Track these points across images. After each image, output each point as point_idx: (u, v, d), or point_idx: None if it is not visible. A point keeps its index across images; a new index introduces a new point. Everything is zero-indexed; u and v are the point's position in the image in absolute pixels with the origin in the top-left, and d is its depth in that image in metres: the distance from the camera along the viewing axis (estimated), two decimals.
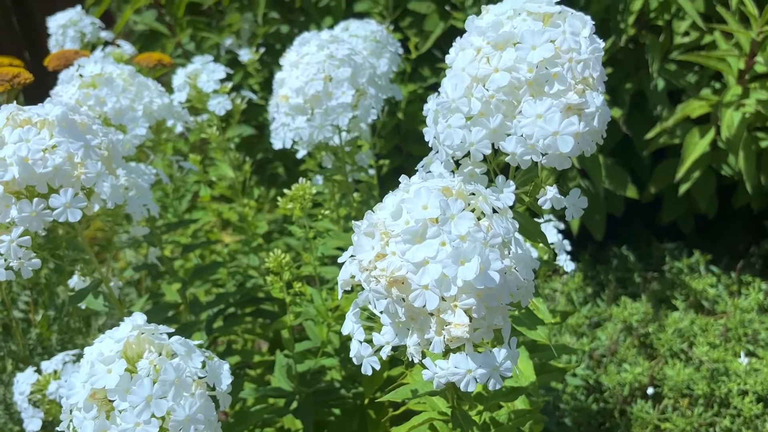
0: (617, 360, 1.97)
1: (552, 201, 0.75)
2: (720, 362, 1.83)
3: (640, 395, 1.87)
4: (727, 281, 2.18)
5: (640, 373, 1.87)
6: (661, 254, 2.37)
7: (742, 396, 1.76)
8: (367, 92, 1.04)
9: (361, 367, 0.73)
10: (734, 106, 1.83)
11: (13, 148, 0.79)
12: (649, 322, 2.04)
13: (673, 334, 1.96)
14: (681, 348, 1.94)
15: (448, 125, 0.74)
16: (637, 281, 2.26)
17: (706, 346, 1.86)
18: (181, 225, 1.21)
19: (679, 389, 1.84)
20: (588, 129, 0.71)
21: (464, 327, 0.62)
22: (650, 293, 2.15)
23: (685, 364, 1.88)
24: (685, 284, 2.14)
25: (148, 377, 0.69)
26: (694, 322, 2.00)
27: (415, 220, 0.63)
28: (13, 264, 0.81)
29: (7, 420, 1.36)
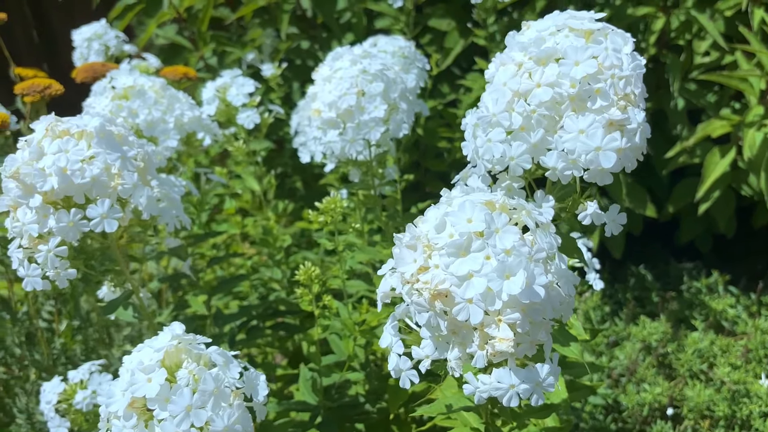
0: (636, 380, 1.95)
1: (592, 216, 0.75)
2: (741, 384, 1.82)
3: (659, 416, 1.86)
4: (746, 302, 2.16)
5: (659, 393, 1.86)
6: (679, 274, 2.35)
7: (763, 418, 1.74)
8: (399, 107, 1.04)
9: (399, 380, 0.73)
10: (756, 126, 1.82)
11: (52, 159, 0.79)
12: (668, 342, 2.03)
13: (692, 355, 1.94)
14: (701, 369, 1.93)
15: (488, 139, 0.75)
16: (655, 300, 2.24)
17: (728, 367, 1.84)
18: (207, 237, 1.21)
19: (699, 410, 1.82)
20: (630, 145, 0.71)
21: (509, 342, 0.62)
22: (669, 313, 2.14)
23: (705, 385, 1.87)
24: (704, 304, 2.13)
25: (188, 387, 0.69)
26: (714, 342, 1.98)
27: (460, 234, 0.63)
28: (50, 274, 0.82)
29: (29, 429, 1.36)
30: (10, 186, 0.81)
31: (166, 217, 0.91)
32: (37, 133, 0.82)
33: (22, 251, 0.83)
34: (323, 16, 2.04)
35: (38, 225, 0.80)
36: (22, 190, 0.80)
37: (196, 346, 0.75)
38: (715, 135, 1.95)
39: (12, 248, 0.83)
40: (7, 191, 0.81)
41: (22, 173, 0.79)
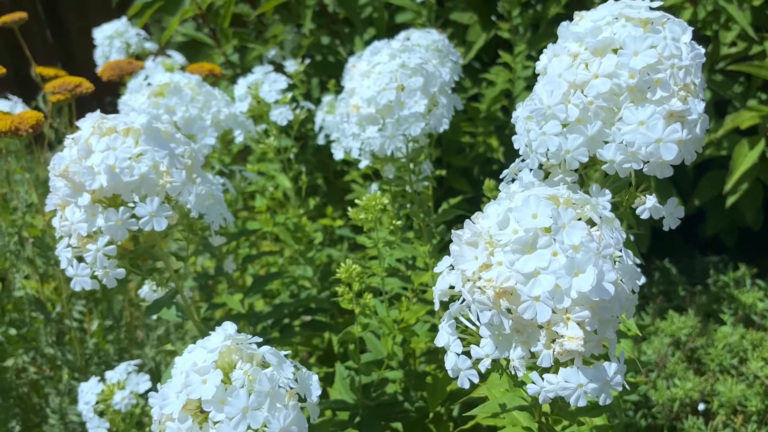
0: (666, 375, 1.93)
1: (651, 210, 0.73)
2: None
3: (690, 411, 1.84)
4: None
5: (690, 388, 1.84)
6: (704, 267, 2.33)
7: None
8: (439, 101, 1.03)
9: (458, 380, 0.71)
10: None
11: (101, 157, 0.78)
12: (697, 337, 2.00)
13: (722, 350, 1.92)
14: (732, 363, 1.90)
15: (543, 132, 0.73)
16: (682, 295, 2.22)
17: (761, 361, 1.82)
18: (242, 234, 1.20)
19: (731, 405, 1.79)
20: (691, 136, 0.69)
21: (579, 340, 0.61)
22: (697, 307, 2.12)
23: (737, 380, 1.84)
24: (732, 298, 2.10)
25: (244, 388, 0.68)
26: (744, 337, 1.96)
27: (525, 230, 0.62)
28: (99, 273, 0.81)
29: (63, 430, 1.36)
30: (59, 185, 0.80)
31: (211, 216, 0.90)
32: (84, 130, 0.81)
33: (71, 250, 0.82)
34: (345, 11, 2.02)
35: (87, 224, 0.79)
36: (71, 188, 0.79)
37: (249, 345, 0.74)
38: (743, 126, 1.93)
39: (60, 247, 0.83)
40: (55, 190, 0.81)
41: (71, 172, 0.78)
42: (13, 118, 1.08)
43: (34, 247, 1.24)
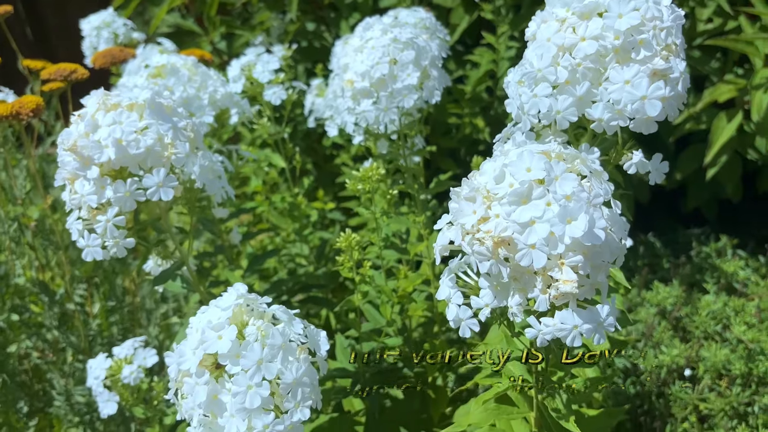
0: (653, 343, 1.99)
1: (638, 165, 0.77)
2: (756, 342, 1.85)
3: (677, 377, 1.89)
4: (755, 264, 2.20)
5: (676, 355, 1.89)
6: (687, 240, 2.39)
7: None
8: (431, 74, 1.06)
9: (459, 330, 0.75)
10: (763, 89, 1.85)
11: (107, 131, 0.81)
12: (682, 306, 2.06)
13: (707, 317, 1.98)
14: (716, 330, 1.96)
15: (534, 94, 0.77)
16: (666, 267, 2.28)
17: (743, 326, 1.88)
18: (240, 213, 1.23)
19: (716, 370, 1.85)
20: (673, 94, 0.74)
21: (573, 283, 0.65)
22: (681, 278, 2.18)
23: (720, 346, 1.90)
24: (715, 268, 2.17)
25: (257, 342, 0.71)
26: (727, 304, 2.02)
27: (520, 182, 0.66)
28: (109, 243, 0.84)
29: (68, 411, 1.39)
30: (67, 159, 0.82)
31: (213, 188, 0.93)
32: (90, 107, 0.84)
33: (82, 222, 0.85)
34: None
35: (96, 196, 0.82)
36: (80, 162, 0.82)
37: (259, 305, 0.77)
38: (721, 100, 1.98)
39: (71, 220, 0.86)
40: (63, 165, 0.83)
41: (79, 146, 0.81)
42: (13, 103, 1.11)
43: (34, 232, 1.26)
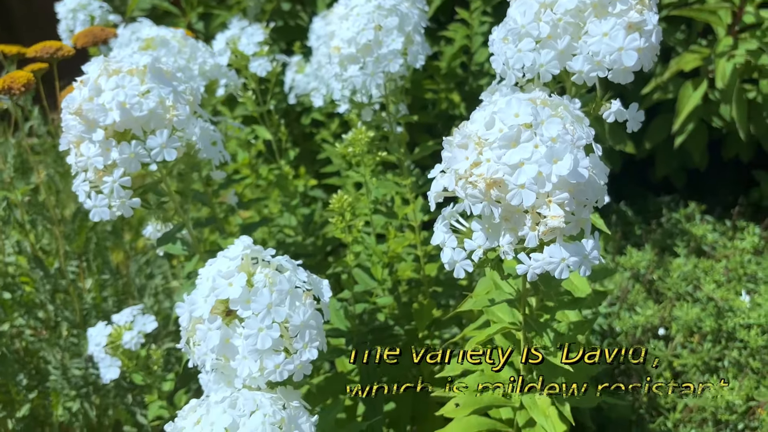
0: (628, 305, 2.07)
1: (615, 114, 0.83)
2: (725, 300, 1.94)
3: (651, 336, 1.97)
4: (722, 228, 2.29)
5: (650, 315, 1.97)
6: (657, 207, 2.47)
7: (747, 329, 1.87)
8: (414, 40, 1.11)
9: (454, 271, 0.80)
10: (726, 57, 1.93)
11: (111, 94, 0.84)
12: (655, 269, 2.14)
13: (678, 278, 2.06)
14: (687, 290, 2.05)
15: (518, 49, 0.82)
16: (638, 233, 2.36)
17: (713, 284, 1.96)
18: (230, 184, 1.27)
19: (688, 327, 1.93)
20: (648, 45, 0.79)
21: (560, 218, 0.70)
22: (653, 242, 2.26)
23: (692, 305, 1.99)
24: (685, 231, 2.25)
25: (266, 288, 0.76)
26: (697, 266, 2.10)
27: (509, 127, 0.70)
28: (116, 204, 0.87)
29: (65, 384, 1.41)
30: (72, 123, 0.85)
31: (211, 153, 0.96)
32: (92, 72, 0.87)
33: (88, 184, 0.88)
34: None
35: (102, 158, 0.85)
36: (85, 125, 0.84)
37: (265, 255, 0.81)
38: (687, 69, 2.05)
39: (77, 182, 0.88)
40: (68, 129, 0.86)
41: (84, 109, 0.84)
42: (4, 79, 1.12)
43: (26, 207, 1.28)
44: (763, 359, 1.81)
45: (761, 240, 2.17)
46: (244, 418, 0.71)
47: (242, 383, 0.77)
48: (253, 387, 0.77)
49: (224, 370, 0.78)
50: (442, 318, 1.34)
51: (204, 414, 0.72)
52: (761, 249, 2.17)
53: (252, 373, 0.75)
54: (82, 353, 1.41)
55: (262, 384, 0.77)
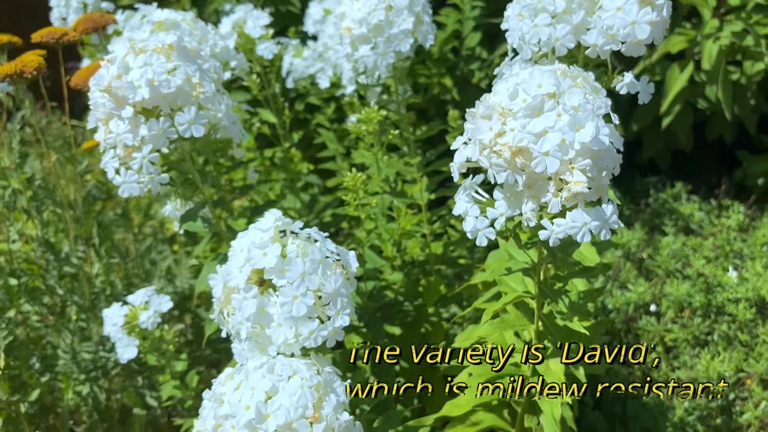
0: (620, 284, 2.12)
1: (628, 86, 0.86)
2: (713, 276, 2.00)
3: (643, 312, 2.03)
4: (708, 207, 2.35)
5: (642, 292, 2.02)
6: (645, 188, 2.53)
7: (735, 303, 1.93)
8: (423, 20, 1.13)
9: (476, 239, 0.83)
10: (712, 38, 1.98)
11: (140, 72, 0.86)
12: (645, 248, 2.20)
13: (667, 256, 2.12)
14: (676, 267, 2.10)
15: (535, 24, 0.85)
16: (627, 213, 2.42)
17: (702, 259, 2.02)
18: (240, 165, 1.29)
19: (678, 303, 1.99)
20: (659, 18, 0.83)
21: (583, 183, 0.73)
22: (642, 222, 2.31)
23: (681, 281, 2.04)
24: (673, 211, 2.31)
25: (299, 257, 0.78)
26: (686, 243, 2.16)
27: (533, 97, 0.74)
28: (144, 179, 0.89)
29: (74, 368, 1.43)
30: (101, 101, 0.87)
31: (233, 131, 0.98)
32: (118, 51, 0.88)
33: (117, 160, 0.89)
34: None
35: (132, 134, 0.87)
36: (114, 102, 0.86)
37: (294, 227, 0.84)
38: (674, 51, 2.10)
39: (107, 159, 0.90)
40: (96, 106, 0.88)
41: (113, 87, 0.85)
42: (16, 62, 1.13)
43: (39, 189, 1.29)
44: (751, 332, 1.87)
45: (746, 218, 2.24)
46: (283, 382, 0.74)
47: (276, 350, 0.79)
48: (287, 354, 0.80)
49: (259, 339, 0.80)
50: (448, 294, 1.37)
51: (243, 380, 0.75)
52: (746, 227, 2.23)
53: (288, 340, 0.77)
54: (91, 337, 1.43)
55: (296, 351, 0.79)
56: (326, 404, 0.74)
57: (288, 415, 0.71)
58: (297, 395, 0.72)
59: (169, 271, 1.71)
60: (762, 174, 2.41)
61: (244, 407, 0.72)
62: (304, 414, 0.72)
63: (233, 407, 0.72)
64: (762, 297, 1.90)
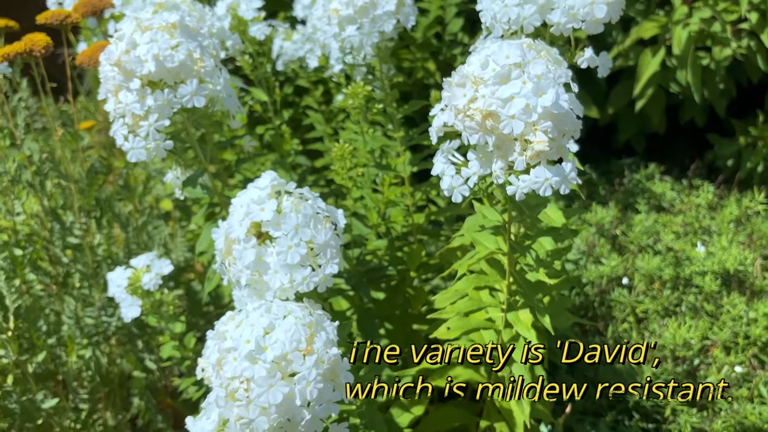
0: (594, 258, 2.23)
1: (588, 60, 0.96)
2: (682, 251, 2.11)
3: (616, 284, 2.14)
4: (679, 187, 2.47)
5: (615, 265, 2.13)
6: (619, 169, 2.65)
7: (702, 276, 2.04)
8: (405, 2, 1.23)
9: (452, 197, 0.92)
10: (682, 25, 2.08)
11: (146, 48, 0.95)
12: (618, 225, 2.31)
13: (639, 232, 2.23)
14: (647, 243, 2.22)
15: (505, 5, 0.95)
16: (603, 193, 2.53)
17: (671, 234, 2.13)
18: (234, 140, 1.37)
19: (649, 276, 2.10)
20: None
21: (545, 143, 0.83)
22: (616, 201, 2.43)
23: (652, 256, 2.16)
24: (646, 190, 2.42)
25: (293, 212, 0.88)
26: (657, 220, 2.28)
27: (501, 66, 0.83)
28: (151, 145, 0.98)
29: (77, 333, 1.51)
30: (111, 74, 0.95)
31: (230, 104, 1.07)
32: (126, 29, 0.97)
33: (126, 128, 0.98)
34: None
35: (139, 104, 0.95)
36: (123, 75, 0.95)
37: (288, 187, 0.93)
38: (646, 36, 2.21)
39: (116, 127, 0.99)
40: (106, 79, 0.96)
41: (122, 61, 0.94)
42: (25, 41, 1.21)
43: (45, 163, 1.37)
44: (716, 303, 1.98)
45: (714, 197, 2.35)
46: (279, 320, 0.83)
47: (273, 296, 0.88)
48: (282, 298, 0.89)
49: (257, 285, 0.89)
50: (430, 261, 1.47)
51: (244, 318, 0.84)
52: (714, 205, 2.35)
53: (283, 285, 0.87)
54: (94, 303, 1.51)
55: (290, 295, 0.89)
56: (317, 339, 0.83)
57: (284, 347, 0.81)
58: (291, 331, 0.82)
59: (165, 245, 1.80)
60: (731, 156, 2.53)
61: (245, 341, 0.81)
62: (298, 347, 0.81)
63: (235, 341, 0.82)
64: (727, 270, 2.01)
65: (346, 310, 1.42)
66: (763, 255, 2.11)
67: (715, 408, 1.71)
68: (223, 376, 0.82)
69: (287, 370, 0.81)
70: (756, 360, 1.83)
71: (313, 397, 0.81)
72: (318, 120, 2.04)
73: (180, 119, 1.04)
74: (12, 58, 1.20)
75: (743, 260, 2.00)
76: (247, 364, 0.80)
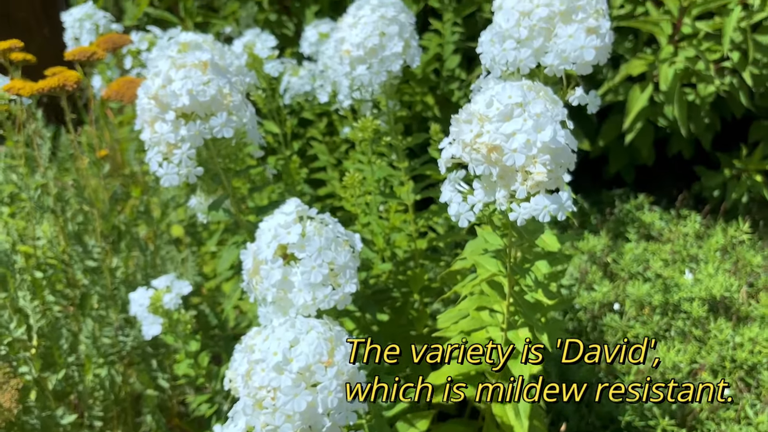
0: (586, 285, 2.32)
1: (579, 98, 1.06)
2: (670, 278, 2.20)
3: (607, 310, 2.22)
4: (668, 217, 2.57)
5: (606, 291, 2.22)
6: (610, 200, 2.75)
7: (690, 302, 2.13)
8: (411, 44, 1.33)
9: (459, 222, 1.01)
10: (668, 63, 2.20)
11: (181, 83, 1.04)
12: (609, 253, 2.40)
13: (630, 260, 2.33)
14: (637, 270, 2.31)
15: (503, 48, 1.05)
16: (594, 222, 2.62)
17: (660, 262, 2.22)
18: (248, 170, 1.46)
19: (639, 302, 2.19)
20: (603, 44, 1.03)
21: (544, 173, 0.92)
22: (607, 229, 2.52)
23: (642, 282, 2.25)
24: (636, 219, 2.52)
25: (316, 236, 0.96)
26: (647, 248, 2.37)
27: (504, 105, 0.93)
28: (183, 171, 1.06)
29: (95, 353, 1.58)
30: (147, 107, 1.04)
31: (252, 134, 1.16)
32: (163, 66, 1.06)
33: (161, 155, 1.07)
34: None
35: (174, 134, 1.04)
36: (159, 108, 1.04)
37: (311, 213, 1.02)
38: (635, 73, 2.33)
39: (151, 154, 1.08)
40: (143, 112, 1.05)
41: (159, 95, 1.03)
42: (59, 77, 1.30)
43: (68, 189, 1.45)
44: (704, 327, 2.07)
45: (701, 226, 2.46)
46: (303, 335, 0.91)
47: (296, 312, 0.96)
48: (304, 315, 0.97)
49: (281, 303, 0.97)
50: (432, 285, 1.56)
51: (270, 333, 0.92)
52: (701, 234, 2.45)
53: (306, 302, 0.95)
54: (111, 323, 1.58)
55: (312, 312, 0.97)
56: (338, 353, 0.91)
57: (307, 359, 0.88)
58: (314, 344, 0.90)
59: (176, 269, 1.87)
60: (717, 187, 2.64)
61: (272, 353, 0.89)
62: (321, 359, 0.89)
63: (263, 353, 0.89)
64: (714, 296, 2.10)
65: (352, 330, 1.50)
66: (748, 282, 2.20)
67: (704, 429, 1.78)
68: (251, 385, 0.89)
69: (310, 380, 0.89)
70: (743, 383, 1.91)
71: (333, 406, 0.88)
72: (322, 150, 2.13)
73: (204, 149, 1.13)
74: (46, 92, 1.29)
75: (729, 287, 2.09)
76: (275, 374, 0.88)
